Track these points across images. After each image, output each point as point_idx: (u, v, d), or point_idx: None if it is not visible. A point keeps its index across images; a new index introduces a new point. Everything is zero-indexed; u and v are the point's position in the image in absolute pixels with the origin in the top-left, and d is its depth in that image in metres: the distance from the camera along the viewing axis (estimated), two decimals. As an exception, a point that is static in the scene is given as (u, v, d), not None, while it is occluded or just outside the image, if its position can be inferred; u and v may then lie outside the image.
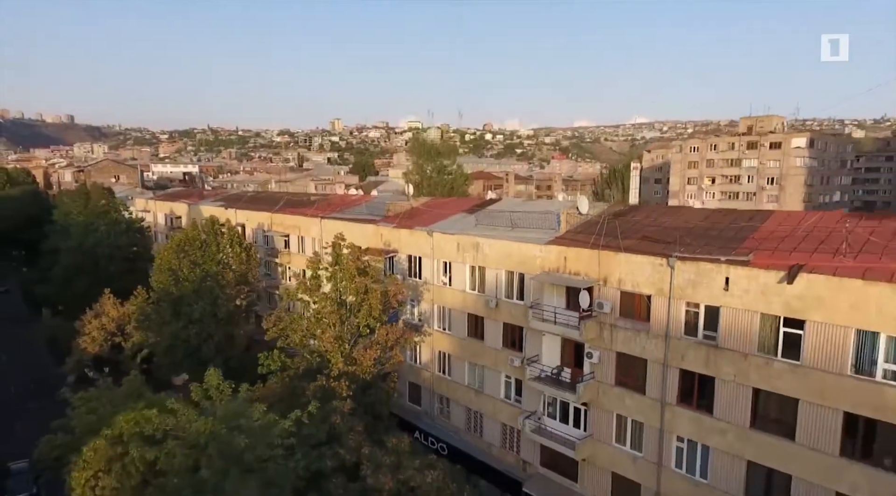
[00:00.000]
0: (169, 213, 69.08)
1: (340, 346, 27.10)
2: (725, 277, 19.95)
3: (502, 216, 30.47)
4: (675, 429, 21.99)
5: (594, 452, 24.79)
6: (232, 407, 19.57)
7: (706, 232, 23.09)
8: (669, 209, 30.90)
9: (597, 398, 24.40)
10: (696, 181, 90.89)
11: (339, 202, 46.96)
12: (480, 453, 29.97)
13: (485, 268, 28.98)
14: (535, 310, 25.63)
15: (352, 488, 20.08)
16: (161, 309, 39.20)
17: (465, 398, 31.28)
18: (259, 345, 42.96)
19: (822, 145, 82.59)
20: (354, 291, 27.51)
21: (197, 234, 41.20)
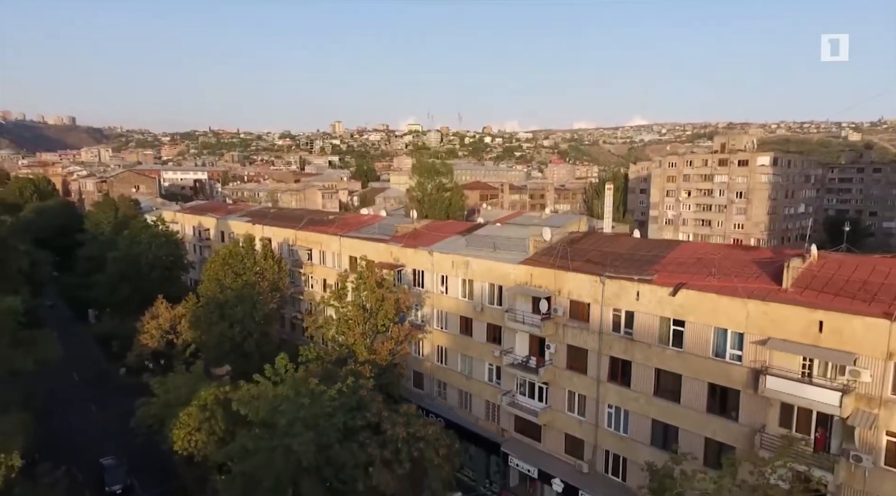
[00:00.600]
0: (197, 225, 77.85)
1: (364, 340, 35.97)
2: (637, 291, 28.77)
3: (486, 240, 39.39)
4: (606, 399, 30.82)
5: (552, 419, 33.60)
6: (295, 381, 28.42)
7: (630, 257, 31.92)
8: (609, 238, 39.60)
9: (553, 378, 33.21)
10: (674, 193, 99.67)
11: (354, 221, 55.82)
12: (470, 424, 38.75)
13: (473, 280, 37.82)
14: (510, 314, 34.47)
15: (375, 439, 28.67)
16: (209, 311, 47.89)
17: (458, 382, 40.11)
18: (286, 342, 51.89)
19: (786, 163, 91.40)
20: (374, 299, 36.35)
21: (238, 250, 50.01)
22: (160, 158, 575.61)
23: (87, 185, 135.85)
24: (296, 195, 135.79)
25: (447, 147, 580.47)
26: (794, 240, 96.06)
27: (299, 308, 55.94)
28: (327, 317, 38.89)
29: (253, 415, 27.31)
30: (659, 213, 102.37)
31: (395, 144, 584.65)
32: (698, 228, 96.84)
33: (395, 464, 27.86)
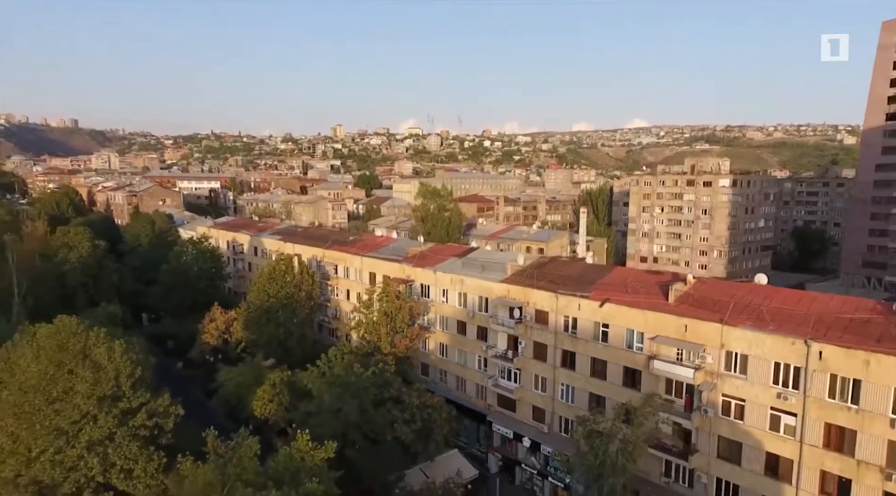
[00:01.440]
0: (231, 240, 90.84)
1: (387, 338, 49.08)
2: (579, 303, 41.85)
3: (476, 262, 52.55)
4: (560, 379, 43.88)
5: (523, 395, 46.66)
6: (343, 366, 41.51)
7: (578, 278, 45.00)
8: (565, 263, 52.56)
9: (524, 365, 46.27)
10: (649, 209, 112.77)
11: (372, 243, 68.93)
12: (464, 401, 51.77)
13: (466, 294, 50.91)
14: (493, 319, 47.55)
15: (397, 406, 41.51)
16: (259, 316, 60.99)
17: (455, 370, 53.18)
18: (317, 342, 64.93)
19: (745, 183, 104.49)
20: (394, 308, 49.48)
21: (280, 266, 63.07)
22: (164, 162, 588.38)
23: (116, 198, 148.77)
24: (308, 207, 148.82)
25: (447, 151, 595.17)
26: (756, 250, 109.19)
27: (327, 313, 69.00)
28: (359, 321, 52.01)
29: (316, 390, 40.37)
30: (636, 226, 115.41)
31: (396, 148, 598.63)
32: (670, 240, 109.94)
33: (412, 423, 40.90)
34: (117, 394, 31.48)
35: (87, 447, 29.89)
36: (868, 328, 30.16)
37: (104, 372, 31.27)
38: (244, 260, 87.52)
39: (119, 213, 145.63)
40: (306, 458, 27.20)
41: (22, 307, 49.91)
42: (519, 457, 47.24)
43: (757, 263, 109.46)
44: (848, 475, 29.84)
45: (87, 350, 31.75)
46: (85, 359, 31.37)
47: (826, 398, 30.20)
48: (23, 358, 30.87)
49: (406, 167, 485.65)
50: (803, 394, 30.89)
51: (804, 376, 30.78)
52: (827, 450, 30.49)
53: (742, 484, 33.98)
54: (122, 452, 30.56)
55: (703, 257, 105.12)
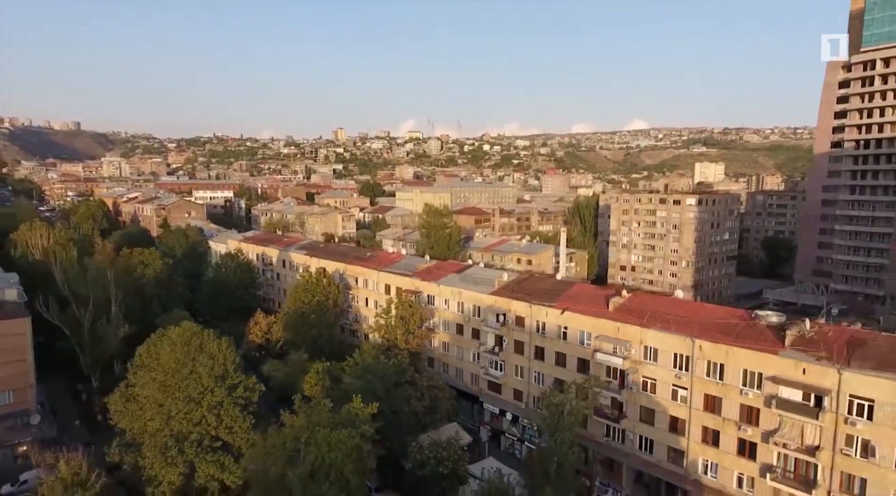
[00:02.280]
0: (261, 253, 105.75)
1: (402, 338, 64.03)
2: (546, 311, 56.85)
3: (471, 277, 67.55)
4: (533, 368, 58.86)
5: (506, 381, 61.67)
6: (372, 357, 56.53)
7: (549, 291, 59.97)
8: (540, 278, 67.49)
9: (507, 358, 61.26)
10: (627, 223, 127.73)
11: (385, 259, 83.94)
12: (462, 387, 66.70)
13: (463, 302, 65.88)
14: (484, 322, 62.55)
15: (412, 387, 56.39)
16: (295, 319, 75.89)
17: (455, 362, 68.13)
18: (341, 342, 79.81)
19: (710, 202, 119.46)
20: (408, 313, 64.45)
21: (312, 279, 78.01)
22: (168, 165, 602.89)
23: (145, 210, 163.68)
24: (320, 218, 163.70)
25: (447, 155, 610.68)
26: (721, 260, 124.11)
27: (348, 317, 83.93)
28: (379, 324, 67.04)
29: (353, 375, 55.28)
30: (616, 238, 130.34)
31: (397, 152, 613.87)
32: (645, 251, 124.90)
33: (422, 400, 55.78)
34: (224, 375, 46.36)
35: (207, 409, 44.78)
36: (731, 329, 45.12)
37: (216, 359, 46.20)
38: (273, 271, 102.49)
39: (148, 224, 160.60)
40: (360, 413, 42.15)
41: (118, 313, 64.71)
42: (503, 428, 62.28)
43: (722, 271, 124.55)
44: (717, 428, 44.79)
45: (203, 344, 46.71)
46: (202, 351, 46.33)
47: (704, 377, 45.17)
48: (162, 349, 45.79)
49: (407, 172, 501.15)
50: (691, 375, 45.87)
51: (691, 362, 45.76)
52: (705, 412, 45.43)
53: (655, 438, 48.95)
54: (229, 414, 45.42)
55: (673, 267, 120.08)
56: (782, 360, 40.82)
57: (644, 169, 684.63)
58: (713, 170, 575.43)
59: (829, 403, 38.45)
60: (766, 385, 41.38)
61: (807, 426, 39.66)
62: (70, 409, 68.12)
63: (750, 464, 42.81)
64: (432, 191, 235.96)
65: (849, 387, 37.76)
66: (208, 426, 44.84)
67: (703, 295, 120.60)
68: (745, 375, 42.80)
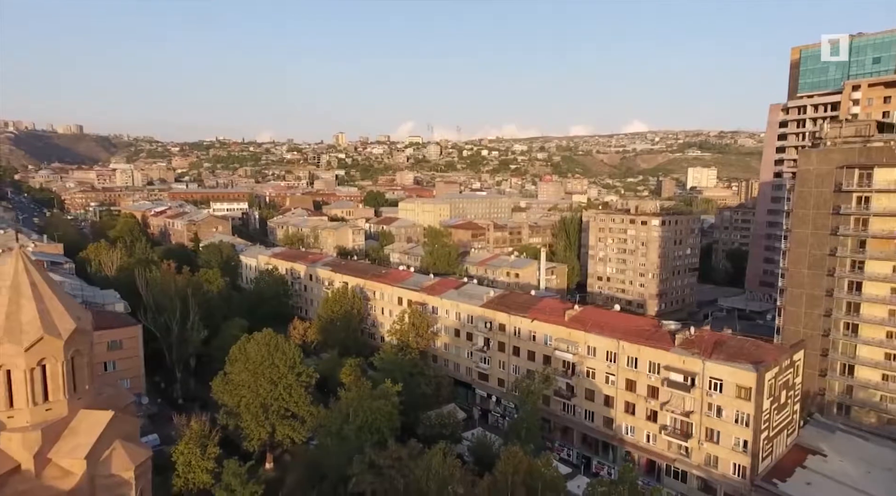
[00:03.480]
0: (290, 268, 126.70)
1: (413, 339, 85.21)
2: (521, 320, 78.06)
3: (466, 293, 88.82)
4: (512, 362, 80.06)
5: (493, 372, 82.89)
6: (392, 354, 77.64)
7: (523, 304, 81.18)
8: (517, 295, 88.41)
9: (493, 355, 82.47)
10: (603, 239, 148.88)
11: (397, 275, 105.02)
12: (459, 377, 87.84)
13: (460, 312, 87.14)
14: (475, 328, 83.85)
15: (422, 377, 77.23)
16: (327, 324, 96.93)
17: (454, 358, 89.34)
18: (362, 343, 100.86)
19: (673, 222, 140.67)
20: (418, 321, 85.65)
21: (340, 292, 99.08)
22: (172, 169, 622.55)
23: (175, 225, 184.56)
24: (332, 232, 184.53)
25: (446, 160, 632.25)
26: (683, 272, 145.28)
27: (367, 323, 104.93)
28: (394, 329, 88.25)
29: (380, 367, 76.33)
30: (594, 252, 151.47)
31: (398, 158, 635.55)
32: (618, 264, 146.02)
33: (430, 385, 76.89)
34: (293, 365, 67.34)
35: (282, 389, 65.71)
36: (643, 333, 66.23)
37: (287, 354, 67.19)
38: (301, 283, 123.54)
39: (179, 237, 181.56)
40: (389, 390, 63.20)
41: (198, 320, 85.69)
42: (490, 408, 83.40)
43: (685, 281, 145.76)
44: (634, 402, 65.89)
45: (278, 344, 67.70)
46: (277, 349, 67.32)
47: (625, 366, 66.28)
48: (250, 348, 66.78)
49: (407, 177, 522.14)
50: (617, 365, 67.01)
51: (617, 357, 66.89)
52: (626, 391, 66.52)
53: (594, 410, 70.04)
54: (296, 392, 66.36)
55: (641, 278, 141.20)
56: (672, 355, 61.96)
57: (639, 173, 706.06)
58: (705, 175, 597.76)
59: (698, 383, 59.60)
60: (662, 371, 62.54)
61: (685, 398, 60.80)
62: (151, 394, 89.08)
63: (653, 424, 63.97)
64: (432, 203, 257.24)
65: (709, 372, 58.91)
66: (283, 400, 65.81)
67: (668, 302, 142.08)
68: (649, 365, 63.95)
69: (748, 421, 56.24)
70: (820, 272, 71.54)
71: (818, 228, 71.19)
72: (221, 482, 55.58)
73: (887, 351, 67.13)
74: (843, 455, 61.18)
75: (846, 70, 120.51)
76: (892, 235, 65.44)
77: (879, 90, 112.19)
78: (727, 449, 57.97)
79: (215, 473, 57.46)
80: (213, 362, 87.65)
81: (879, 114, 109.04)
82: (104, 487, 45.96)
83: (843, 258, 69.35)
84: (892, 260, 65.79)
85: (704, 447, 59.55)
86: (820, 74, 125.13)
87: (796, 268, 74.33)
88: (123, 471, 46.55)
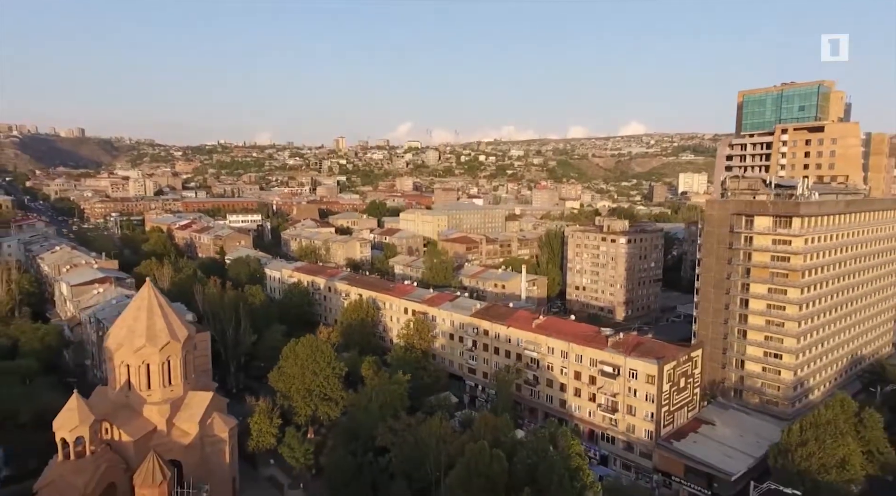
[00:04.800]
0: (311, 281, 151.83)
1: (418, 342, 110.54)
2: (500, 327, 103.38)
3: (459, 305, 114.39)
4: (493, 360, 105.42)
5: (479, 367, 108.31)
6: (402, 353, 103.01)
7: (502, 314, 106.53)
8: (497, 307, 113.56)
9: (479, 354, 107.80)
10: (580, 254, 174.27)
11: (403, 289, 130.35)
12: (453, 371, 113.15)
13: (454, 320, 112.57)
14: (466, 332, 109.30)
15: (424, 371, 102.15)
16: (347, 329, 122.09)
17: (449, 357, 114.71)
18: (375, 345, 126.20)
19: (638, 240, 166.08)
20: (422, 326, 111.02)
21: (357, 303, 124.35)
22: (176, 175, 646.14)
23: (202, 239, 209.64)
24: (342, 245, 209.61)
25: (444, 165, 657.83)
26: (648, 282, 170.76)
27: (378, 328, 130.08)
28: (402, 333, 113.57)
29: (392, 362, 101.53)
30: (573, 265, 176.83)
31: (397, 163, 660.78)
32: (593, 276, 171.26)
33: (430, 377, 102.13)
34: (329, 361, 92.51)
35: (322, 379, 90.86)
36: (587, 337, 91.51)
37: (325, 354, 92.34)
38: (321, 294, 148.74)
39: (206, 250, 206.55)
40: (401, 379, 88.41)
41: (248, 327, 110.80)
42: (477, 395, 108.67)
43: (649, 290, 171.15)
44: (580, 388, 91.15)
45: (319, 346, 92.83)
46: (318, 349, 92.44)
47: (573, 362, 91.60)
48: (298, 349, 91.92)
49: (407, 183, 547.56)
50: (569, 361, 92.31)
51: (568, 354, 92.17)
52: (574, 380, 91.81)
53: (553, 395, 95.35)
54: (332, 381, 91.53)
55: (611, 288, 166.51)
56: (605, 353, 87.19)
57: (634, 176, 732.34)
58: (696, 180, 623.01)
59: (622, 372, 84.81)
60: (598, 365, 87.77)
61: (613, 384, 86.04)
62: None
63: (592, 403, 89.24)
64: (431, 214, 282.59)
65: (629, 365, 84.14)
66: (322, 387, 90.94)
67: (634, 308, 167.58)
68: (590, 361, 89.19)
69: (653, 399, 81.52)
70: (721, 291, 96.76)
71: (719, 258, 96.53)
72: (283, 443, 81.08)
73: (765, 350, 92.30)
74: (728, 425, 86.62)
75: (778, 114, 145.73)
76: (766, 265, 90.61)
77: (803, 134, 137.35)
78: (640, 419, 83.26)
79: (278, 438, 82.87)
80: (258, 360, 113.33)
81: (802, 153, 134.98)
82: (209, 443, 71.58)
83: (736, 281, 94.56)
84: (766, 283, 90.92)
85: (626, 419, 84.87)
86: (758, 117, 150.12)
87: (705, 287, 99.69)
88: (221, 432, 72.24)
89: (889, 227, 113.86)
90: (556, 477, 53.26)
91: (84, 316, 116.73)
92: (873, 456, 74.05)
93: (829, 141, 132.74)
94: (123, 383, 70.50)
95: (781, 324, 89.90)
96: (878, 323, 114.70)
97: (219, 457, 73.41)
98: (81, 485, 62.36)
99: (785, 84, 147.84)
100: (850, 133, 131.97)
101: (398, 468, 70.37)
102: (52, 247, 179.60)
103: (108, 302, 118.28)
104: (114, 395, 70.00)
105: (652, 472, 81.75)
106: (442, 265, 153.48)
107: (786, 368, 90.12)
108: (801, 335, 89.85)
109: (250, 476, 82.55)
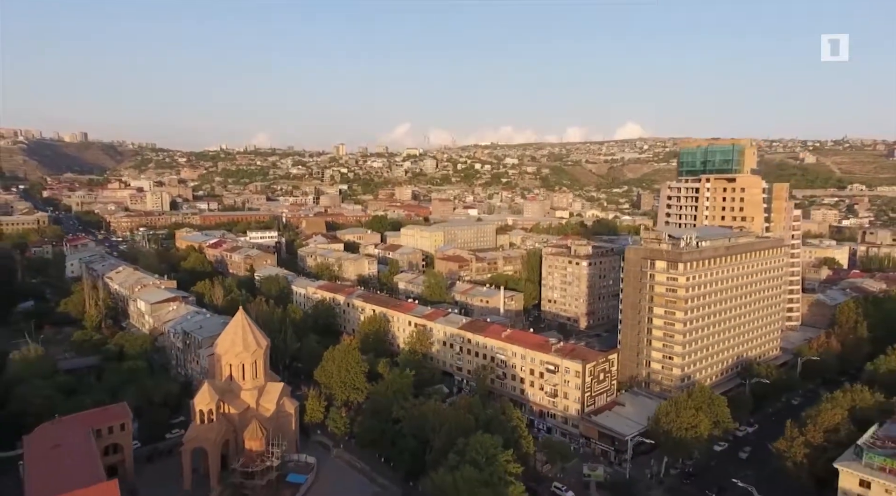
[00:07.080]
0: (332, 297, 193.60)
1: (420, 347, 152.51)
2: (479, 336, 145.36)
3: (451, 320, 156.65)
4: (474, 361, 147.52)
5: (464, 366, 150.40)
6: (409, 355, 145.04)
7: (481, 328, 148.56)
8: (477, 321, 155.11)
9: (464, 357, 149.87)
10: (552, 272, 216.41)
11: (408, 306, 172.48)
12: (445, 369, 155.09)
13: (446, 331, 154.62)
14: (454, 340, 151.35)
15: (424, 369, 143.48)
16: (364, 337, 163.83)
17: (442, 358, 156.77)
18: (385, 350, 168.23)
19: (598, 262, 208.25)
20: (422, 336, 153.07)
21: (372, 317, 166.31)
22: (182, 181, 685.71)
23: (233, 258, 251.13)
24: (353, 262, 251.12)
25: (441, 173, 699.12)
26: (607, 297, 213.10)
27: (388, 336, 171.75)
28: (407, 341, 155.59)
29: (401, 362, 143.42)
30: (546, 282, 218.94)
31: (396, 172, 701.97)
32: (562, 292, 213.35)
33: (429, 373, 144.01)
34: (357, 361, 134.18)
35: (353, 374, 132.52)
36: (539, 345, 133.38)
37: (354, 356, 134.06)
38: (341, 308, 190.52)
39: (236, 268, 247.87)
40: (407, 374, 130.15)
41: (292, 336, 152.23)
42: (463, 386, 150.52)
43: (608, 304, 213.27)
44: (534, 380, 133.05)
45: (349, 350, 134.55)
46: (350, 352, 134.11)
47: (529, 362, 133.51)
48: (335, 353, 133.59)
49: (406, 192, 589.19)
50: (527, 361, 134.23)
51: (525, 357, 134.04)
52: (530, 375, 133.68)
53: (515, 386, 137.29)
54: (359, 376, 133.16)
55: (576, 302, 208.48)
56: (549, 356, 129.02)
57: (625, 183, 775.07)
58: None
59: (560, 369, 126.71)
60: (545, 364, 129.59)
61: (554, 377, 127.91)
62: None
63: (541, 392, 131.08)
64: (429, 230, 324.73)
65: (564, 364, 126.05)
66: (352, 380, 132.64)
67: (595, 319, 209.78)
68: (540, 361, 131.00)
69: (580, 388, 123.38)
70: (635, 311, 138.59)
71: (634, 288, 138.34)
72: (329, 417, 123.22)
73: (663, 353, 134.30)
74: (633, 405, 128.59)
75: (705, 166, 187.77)
76: (663, 295, 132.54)
77: (721, 182, 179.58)
78: (572, 402, 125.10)
79: (323, 415, 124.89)
80: (298, 361, 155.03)
81: (720, 198, 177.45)
82: (282, 416, 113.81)
83: (644, 305, 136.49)
84: (663, 307, 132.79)
85: (563, 401, 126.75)
86: (691, 165, 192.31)
87: (625, 308, 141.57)
88: (290, 409, 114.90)
89: (767, 261, 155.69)
90: (498, 423, 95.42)
91: (168, 327, 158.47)
92: (719, 425, 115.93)
93: (739, 189, 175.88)
94: (227, 376, 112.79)
95: (672, 335, 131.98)
96: (761, 333, 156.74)
97: (288, 425, 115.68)
98: (213, 438, 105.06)
99: (711, 140, 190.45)
100: (755, 184, 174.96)
101: (407, 430, 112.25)
102: (112, 266, 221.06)
103: (185, 317, 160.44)
104: (220, 385, 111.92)
105: (578, 437, 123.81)
106: (438, 285, 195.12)
107: (676, 366, 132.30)
108: (685, 343, 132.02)
109: (304, 442, 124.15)
